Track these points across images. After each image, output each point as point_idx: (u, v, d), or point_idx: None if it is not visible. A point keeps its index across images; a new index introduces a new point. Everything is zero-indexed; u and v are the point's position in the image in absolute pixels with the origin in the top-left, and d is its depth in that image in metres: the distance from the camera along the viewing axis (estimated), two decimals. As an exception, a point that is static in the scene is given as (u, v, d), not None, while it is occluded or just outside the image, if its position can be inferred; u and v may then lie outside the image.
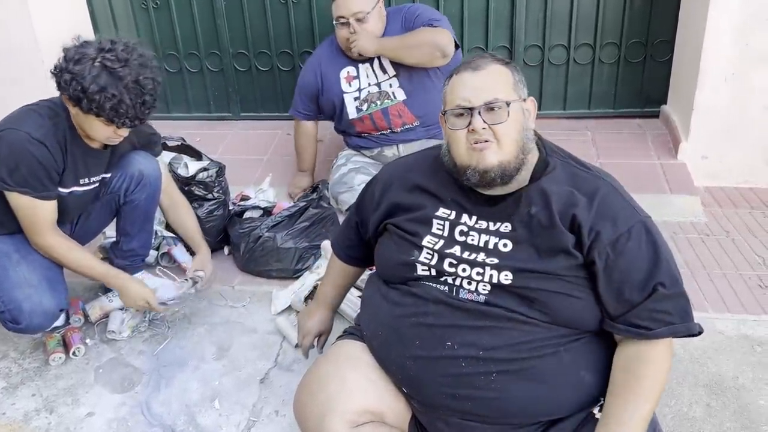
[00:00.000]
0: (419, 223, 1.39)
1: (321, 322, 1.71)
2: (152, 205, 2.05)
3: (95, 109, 1.61)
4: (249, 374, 1.84)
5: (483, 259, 1.30)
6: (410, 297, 1.37)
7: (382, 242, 1.49)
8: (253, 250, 2.25)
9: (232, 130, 3.42)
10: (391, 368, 1.39)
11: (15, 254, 1.83)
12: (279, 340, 1.96)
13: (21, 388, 1.83)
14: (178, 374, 1.85)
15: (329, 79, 2.53)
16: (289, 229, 2.27)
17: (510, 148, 1.28)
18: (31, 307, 1.76)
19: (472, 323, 1.29)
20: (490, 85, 1.28)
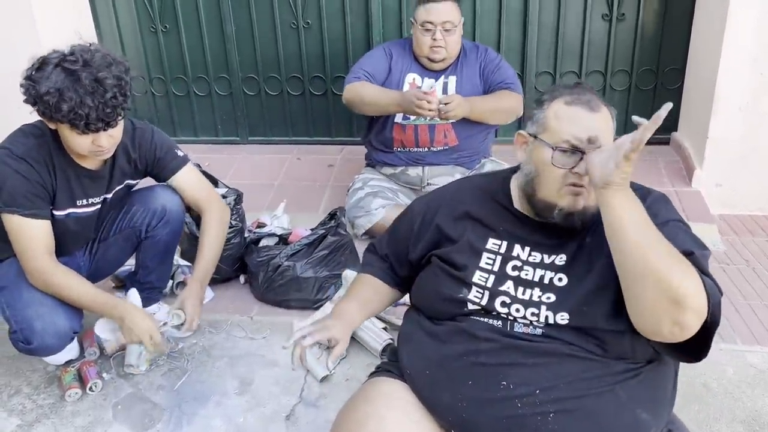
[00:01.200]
0: (468, 255, 1.34)
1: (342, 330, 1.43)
2: (174, 241, 2.00)
3: (55, 115, 1.53)
4: (274, 410, 1.78)
5: (539, 296, 1.26)
6: (459, 334, 1.32)
7: (426, 275, 1.42)
8: (272, 279, 2.20)
9: (241, 154, 3.39)
10: (440, 410, 1.33)
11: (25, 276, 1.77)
12: (302, 374, 1.91)
13: (36, 426, 1.76)
14: (200, 410, 1.79)
15: (395, 73, 2.54)
16: (308, 258, 2.23)
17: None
18: (43, 326, 1.70)
19: (528, 360, 1.24)
20: (604, 130, 1.22)
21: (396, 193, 2.58)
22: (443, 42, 2.42)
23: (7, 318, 1.76)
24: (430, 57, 2.47)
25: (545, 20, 3.02)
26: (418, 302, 1.45)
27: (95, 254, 1.96)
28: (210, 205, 1.97)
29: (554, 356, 1.23)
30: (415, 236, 1.45)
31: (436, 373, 1.33)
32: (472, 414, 1.27)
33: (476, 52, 2.55)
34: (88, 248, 1.95)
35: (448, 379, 1.30)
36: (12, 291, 1.76)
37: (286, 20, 3.20)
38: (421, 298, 1.44)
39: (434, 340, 1.36)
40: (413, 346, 1.41)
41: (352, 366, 1.93)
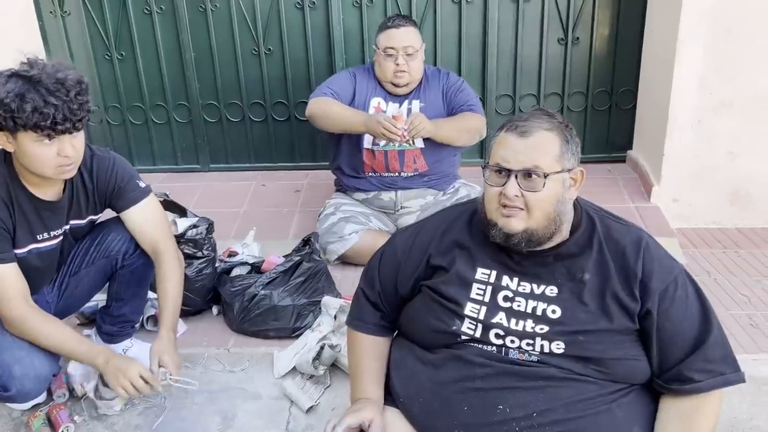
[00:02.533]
0: (458, 286, 1.33)
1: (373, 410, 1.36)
2: (149, 270, 1.93)
3: (18, 119, 1.43)
4: (260, 445, 1.73)
5: (532, 327, 1.27)
6: (453, 361, 1.32)
7: (416, 306, 1.41)
8: (249, 309, 2.15)
9: (203, 182, 3.32)
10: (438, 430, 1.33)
11: None
12: (286, 405, 1.87)
13: (5, 477, 1.65)
14: (182, 449, 1.72)
15: (360, 97, 2.55)
16: (284, 286, 2.19)
17: (539, 218, 1.25)
18: (23, 371, 1.60)
19: (524, 384, 1.26)
20: (533, 152, 1.24)
21: (368, 218, 2.57)
22: (406, 66, 2.46)
23: None
24: (394, 82, 2.50)
25: (503, 45, 3.11)
26: (409, 333, 1.44)
27: (64, 289, 1.87)
28: (168, 246, 1.82)
29: (551, 380, 1.25)
30: (403, 271, 1.42)
31: (431, 400, 1.32)
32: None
33: (438, 76, 2.59)
34: (56, 283, 1.86)
35: (444, 406, 1.30)
36: None
37: (247, 46, 3.18)
38: (412, 330, 1.43)
39: (427, 366, 1.35)
40: (406, 372, 1.40)
41: (337, 395, 1.89)
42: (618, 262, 1.27)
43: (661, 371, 1.26)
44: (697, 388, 1.22)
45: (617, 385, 1.26)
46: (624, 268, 1.26)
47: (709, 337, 1.23)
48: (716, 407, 1.24)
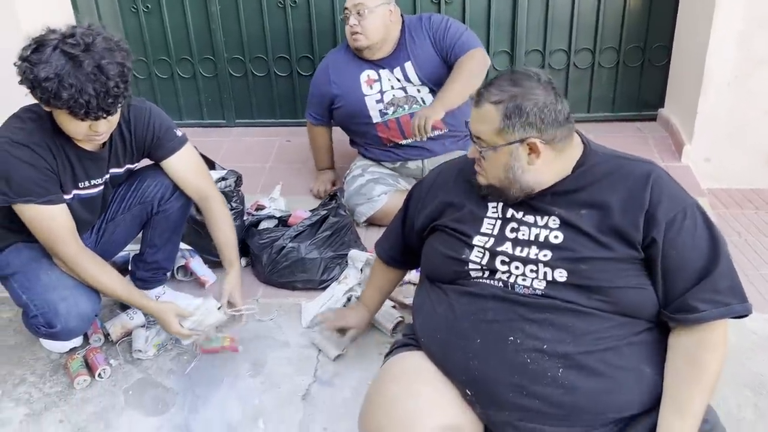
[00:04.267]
0: (469, 222, 1.41)
1: (357, 318, 1.82)
2: (184, 217, 1.96)
3: (53, 101, 1.46)
4: (289, 391, 1.77)
5: (536, 254, 1.32)
6: (465, 296, 1.38)
7: (430, 242, 1.50)
8: (277, 261, 2.18)
9: (228, 137, 3.33)
10: (453, 372, 1.37)
11: (45, 258, 1.72)
12: (314, 353, 1.90)
13: (45, 415, 1.72)
14: (214, 393, 1.77)
15: (347, 84, 2.48)
16: (312, 239, 2.21)
17: (494, 180, 1.36)
18: (67, 308, 1.67)
19: (533, 316, 1.29)
20: (476, 122, 1.34)
21: (397, 179, 2.56)
22: (358, 27, 2.33)
23: (25, 303, 1.72)
24: (353, 46, 2.40)
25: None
26: (425, 268, 1.53)
27: (101, 235, 1.91)
28: (214, 190, 1.92)
29: (557, 313, 1.28)
30: (420, 207, 1.55)
31: (447, 336, 1.38)
32: (483, 371, 1.30)
33: (420, 25, 2.43)
34: (94, 229, 1.90)
35: (458, 339, 1.35)
36: (27, 275, 1.72)
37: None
38: (427, 263, 1.52)
39: (443, 305, 1.41)
40: (425, 314, 1.47)
41: (363, 344, 1.93)
42: (622, 194, 1.29)
43: (667, 301, 1.26)
44: (702, 317, 1.22)
45: (625, 320, 1.27)
46: (629, 199, 1.28)
47: (716, 268, 1.23)
48: (722, 341, 1.24)
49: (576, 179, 1.35)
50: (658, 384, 1.26)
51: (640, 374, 1.26)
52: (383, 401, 1.37)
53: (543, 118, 1.29)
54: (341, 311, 1.88)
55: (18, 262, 1.72)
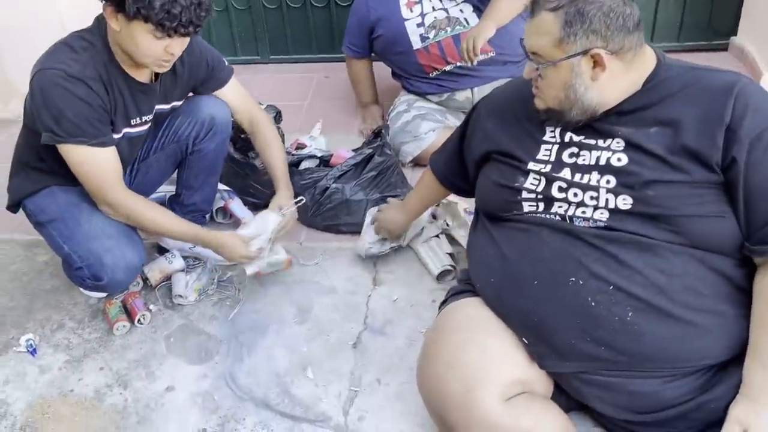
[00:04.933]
0: (524, 148, 1.28)
1: (394, 222, 1.78)
2: (221, 155, 1.84)
3: (143, 11, 1.35)
4: (338, 339, 1.67)
5: (597, 180, 1.17)
6: (519, 233, 1.25)
7: (484, 172, 1.38)
8: (320, 203, 2.05)
9: (263, 74, 3.16)
10: (511, 318, 1.25)
11: (84, 204, 1.61)
12: (363, 300, 1.79)
13: (86, 362, 1.65)
14: (259, 341, 1.67)
15: (386, 8, 2.29)
16: (357, 180, 2.07)
17: (550, 101, 1.21)
18: (114, 260, 1.57)
19: (594, 253, 1.15)
20: (534, 36, 1.17)
21: (445, 114, 2.38)
22: None
23: (67, 253, 1.62)
24: None
25: None
26: (478, 202, 1.41)
27: (135, 176, 1.79)
28: (262, 113, 1.86)
29: (624, 246, 1.13)
30: (477, 128, 1.42)
31: (502, 279, 1.26)
32: (543, 317, 1.18)
33: None
34: (128, 171, 1.79)
35: (513, 283, 1.23)
36: (66, 222, 1.61)
37: None
38: (479, 196, 1.40)
39: (495, 245, 1.29)
40: (477, 256, 1.36)
41: (415, 292, 1.80)
42: (700, 109, 1.12)
43: (750, 232, 1.10)
44: None
45: (705, 256, 1.11)
46: (706, 114, 1.11)
47: None
48: None
49: (645, 95, 1.17)
50: (743, 328, 1.12)
51: (722, 317, 1.12)
52: (444, 353, 1.26)
53: (608, 24, 1.11)
54: (383, 211, 1.82)
55: (55, 209, 1.62)
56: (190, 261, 1.93)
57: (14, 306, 1.84)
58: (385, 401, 1.48)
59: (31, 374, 1.61)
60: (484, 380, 1.18)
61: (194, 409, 1.49)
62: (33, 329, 1.75)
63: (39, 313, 1.81)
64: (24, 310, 1.82)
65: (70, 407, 1.52)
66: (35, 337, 1.70)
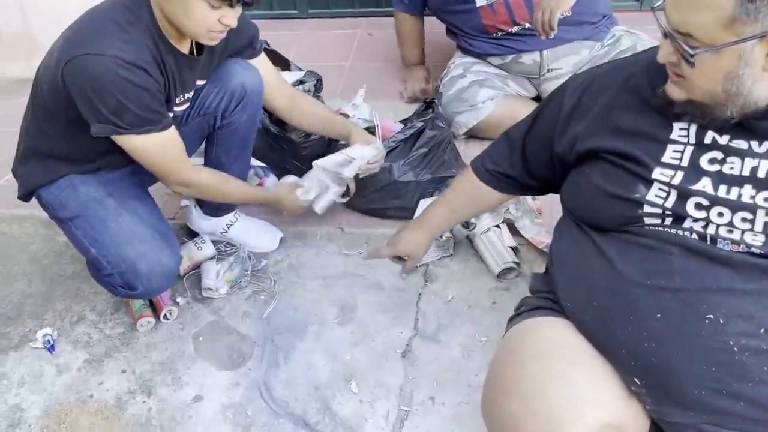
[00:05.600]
0: (646, 148, 1.00)
1: (414, 244, 1.48)
2: (253, 128, 1.63)
3: None
4: (386, 345, 1.48)
5: (752, 196, 0.92)
6: (639, 249, 1.00)
7: (583, 173, 1.10)
8: (365, 184, 1.83)
9: (301, 30, 2.91)
10: (617, 353, 1.02)
11: (110, 200, 1.43)
12: (413, 299, 1.59)
13: (107, 362, 1.49)
14: (297, 344, 1.49)
15: None
16: (406, 158, 1.83)
17: (697, 93, 0.93)
18: (149, 267, 1.39)
19: (744, 285, 0.91)
20: (689, 11, 0.86)
21: (505, 80, 2.11)
22: None
23: (95, 257, 1.44)
24: None
25: None
26: (572, 206, 1.14)
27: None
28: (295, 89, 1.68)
29: None
30: (565, 120, 1.13)
31: (609, 305, 1.01)
32: (664, 357, 0.95)
33: None
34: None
35: (626, 311, 0.99)
36: (90, 221, 1.42)
37: None
38: (575, 201, 1.12)
39: (602, 260, 1.04)
40: (572, 271, 1.09)
41: (472, 290, 1.59)
42: None
43: None
44: None
45: None
46: None
47: None
48: None
49: None
50: None
51: None
52: (519, 387, 1.05)
53: None
54: (398, 233, 1.51)
55: (75, 204, 1.43)
56: (221, 247, 1.75)
57: (32, 293, 1.70)
58: (441, 424, 1.30)
59: (48, 375, 1.47)
60: (570, 424, 0.97)
61: (225, 426, 1.33)
62: (51, 321, 1.60)
63: (58, 302, 1.66)
64: (42, 298, 1.68)
65: (89, 416, 1.37)
66: (53, 332, 1.55)
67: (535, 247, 1.66)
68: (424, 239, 1.47)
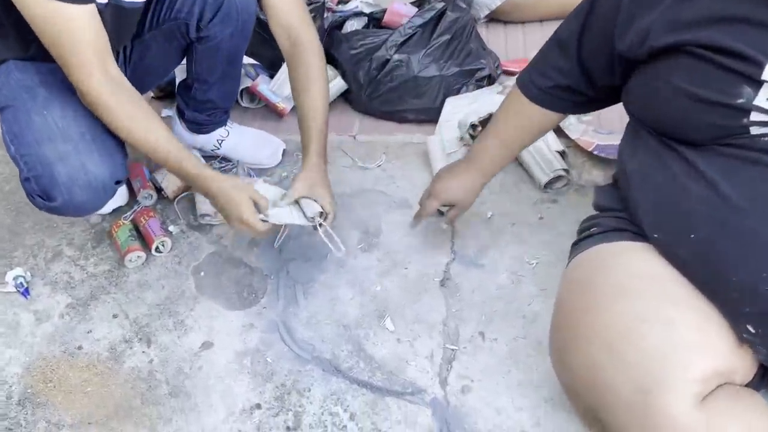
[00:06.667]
0: (749, 36, 0.76)
1: (464, 190, 1.19)
2: (241, 46, 1.31)
3: None
4: (420, 273, 1.27)
5: None
6: (747, 167, 0.79)
7: (657, 73, 0.86)
8: (379, 81, 1.55)
9: None
10: (724, 295, 0.84)
11: (41, 90, 1.13)
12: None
13: (95, 306, 1.27)
14: (316, 275, 1.28)
15: None
16: (426, 48, 1.55)
17: None
18: (69, 173, 1.10)
19: None
20: None
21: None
22: None
23: (13, 157, 1.16)
24: None
25: None
26: (650, 119, 0.90)
27: (130, 58, 1.29)
28: (310, 34, 1.25)
29: None
30: (630, 6, 0.88)
31: (714, 238, 0.82)
32: None
33: None
34: (121, 53, 1.28)
35: (739, 247, 0.80)
36: (17, 115, 1.13)
37: None
38: (655, 112, 0.89)
39: (700, 182, 0.83)
40: (658, 194, 0.88)
41: (514, 205, 1.38)
42: None
43: None
44: None
45: None
46: None
47: None
48: None
49: None
50: None
51: None
52: (605, 331, 0.87)
53: None
54: (441, 179, 1.21)
55: (6, 92, 1.14)
56: (215, 164, 1.49)
57: (-5, 226, 1.44)
58: (495, 363, 1.12)
59: (26, 324, 1.25)
60: (673, 377, 0.80)
61: (242, 376, 1.13)
62: (22, 260, 1.36)
63: (27, 236, 1.41)
64: (9, 232, 1.42)
65: (80, 372, 1.16)
66: (26, 272, 1.32)
67: (582, 150, 1.43)
68: (475, 183, 1.18)
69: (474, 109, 1.49)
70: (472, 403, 1.07)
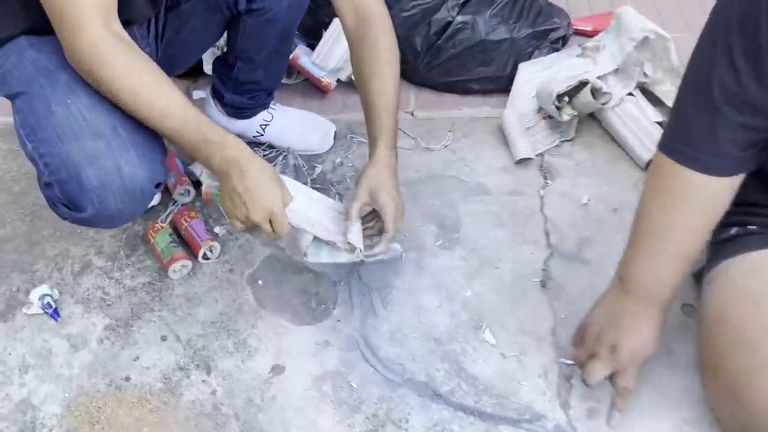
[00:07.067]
0: None
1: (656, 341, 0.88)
2: (297, 17, 1.11)
3: None
4: (514, 272, 1.10)
5: None
6: None
7: None
8: (439, 48, 1.36)
9: None
10: None
11: (62, 74, 0.90)
12: (534, 204, 1.20)
13: (138, 327, 1.09)
14: (393, 280, 1.11)
15: None
16: (492, 7, 1.35)
17: None
18: (101, 177, 0.89)
19: None
20: None
21: None
22: None
23: (31, 156, 0.94)
24: None
25: None
26: None
27: (163, 33, 1.07)
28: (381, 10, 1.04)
29: None
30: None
31: None
32: None
33: None
34: (152, 26, 1.06)
35: None
36: (33, 104, 0.91)
37: None
38: None
39: None
40: None
41: (615, 185, 1.21)
42: None
43: None
44: None
45: None
46: None
47: None
48: None
49: None
50: None
51: None
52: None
53: None
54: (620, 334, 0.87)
55: (19, 76, 0.92)
56: (259, 152, 1.30)
57: (8, 235, 1.24)
58: (619, 379, 0.95)
59: (60, 352, 1.06)
60: None
61: (324, 406, 0.97)
62: (46, 274, 1.17)
63: (48, 245, 1.21)
64: (25, 242, 1.23)
65: (131, 409, 0.99)
66: (52, 290, 1.13)
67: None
68: (662, 323, 0.88)
69: (551, 76, 1.30)
70: (604, 430, 0.91)
